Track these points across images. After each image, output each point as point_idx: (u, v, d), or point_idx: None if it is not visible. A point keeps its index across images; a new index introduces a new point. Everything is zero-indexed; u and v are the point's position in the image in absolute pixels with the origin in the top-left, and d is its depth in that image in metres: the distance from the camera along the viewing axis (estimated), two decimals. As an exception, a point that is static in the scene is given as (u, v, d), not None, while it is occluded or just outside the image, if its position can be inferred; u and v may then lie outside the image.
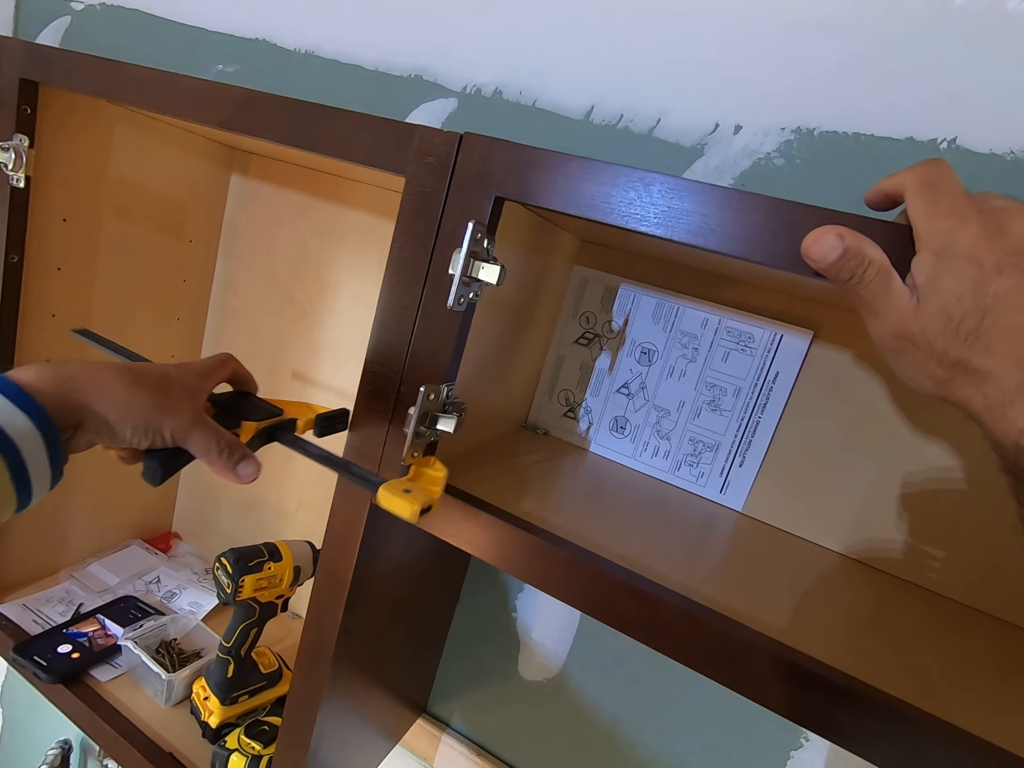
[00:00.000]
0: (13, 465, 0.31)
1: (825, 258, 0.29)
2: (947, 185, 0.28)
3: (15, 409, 0.31)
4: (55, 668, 0.66)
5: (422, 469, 0.41)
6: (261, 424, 0.41)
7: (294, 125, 0.43)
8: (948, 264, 0.26)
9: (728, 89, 0.55)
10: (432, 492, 0.38)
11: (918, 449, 0.49)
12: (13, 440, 0.31)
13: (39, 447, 0.32)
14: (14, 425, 0.31)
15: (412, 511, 0.35)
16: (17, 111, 0.57)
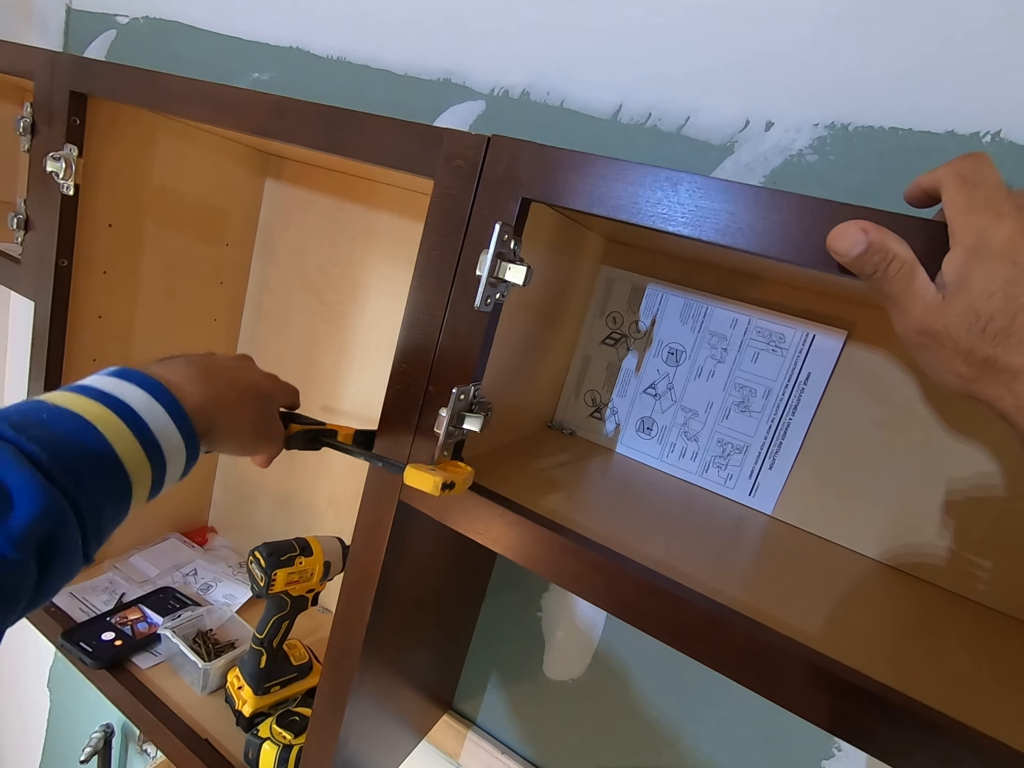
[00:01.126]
0: (156, 477, 0.34)
1: (849, 252, 0.29)
2: (985, 180, 0.27)
3: (174, 429, 0.35)
4: (99, 654, 0.69)
5: (448, 466, 0.42)
6: (305, 426, 0.48)
7: (325, 130, 0.45)
8: (980, 261, 0.26)
9: (759, 85, 0.54)
10: (456, 474, 0.40)
11: (958, 452, 0.48)
12: (165, 456, 0.34)
13: (180, 463, 0.36)
14: (169, 440, 0.34)
15: (435, 483, 0.38)
16: (67, 122, 0.60)
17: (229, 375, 0.42)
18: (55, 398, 0.32)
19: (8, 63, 0.65)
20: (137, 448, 0.32)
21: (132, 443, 0.32)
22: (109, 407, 0.32)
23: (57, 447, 0.29)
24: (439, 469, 0.40)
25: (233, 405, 0.41)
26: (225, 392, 0.40)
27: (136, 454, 0.32)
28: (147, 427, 0.33)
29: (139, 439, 0.33)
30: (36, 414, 0.30)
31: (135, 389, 0.34)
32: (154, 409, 0.34)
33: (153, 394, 0.34)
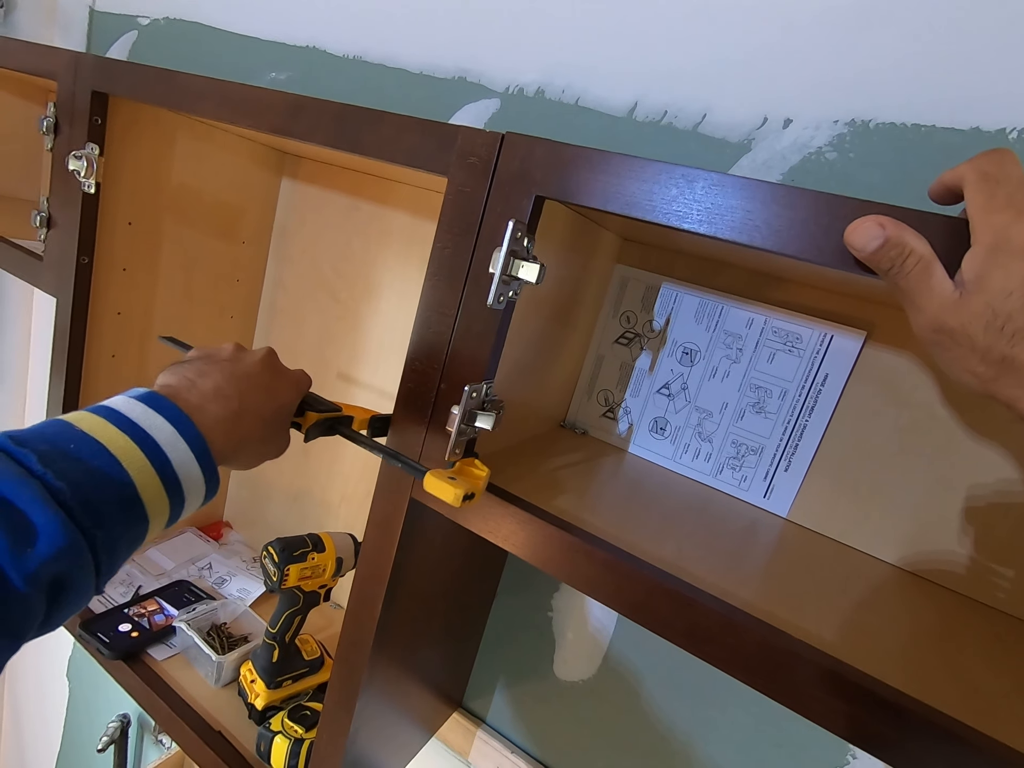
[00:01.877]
0: (174, 512, 0.34)
1: (866, 247, 0.28)
2: (1007, 177, 0.26)
3: (197, 467, 0.35)
4: (116, 645, 0.70)
5: (465, 467, 0.42)
6: (322, 416, 0.46)
7: (341, 129, 0.45)
8: (999, 260, 0.25)
9: (777, 82, 0.53)
10: (476, 483, 0.39)
11: (979, 456, 0.47)
12: (184, 494, 0.34)
13: (199, 497, 0.36)
14: (190, 477, 0.34)
15: (456, 495, 0.37)
16: (89, 122, 0.61)
17: (256, 398, 0.40)
18: (83, 423, 0.32)
19: (32, 64, 0.67)
20: (158, 485, 0.33)
21: (154, 480, 0.32)
22: (135, 440, 0.32)
23: (82, 484, 0.29)
24: (458, 475, 0.40)
25: (255, 430, 0.40)
26: (251, 423, 0.39)
27: (156, 491, 0.33)
28: (170, 464, 0.33)
29: (161, 476, 0.33)
30: (63, 443, 0.30)
31: (163, 422, 0.34)
32: (179, 447, 0.34)
33: (180, 430, 0.34)
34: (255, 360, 0.43)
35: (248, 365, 0.42)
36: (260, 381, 0.42)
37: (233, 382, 0.39)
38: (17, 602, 0.26)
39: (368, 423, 0.48)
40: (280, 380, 0.44)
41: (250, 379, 0.41)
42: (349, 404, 0.49)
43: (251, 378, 0.41)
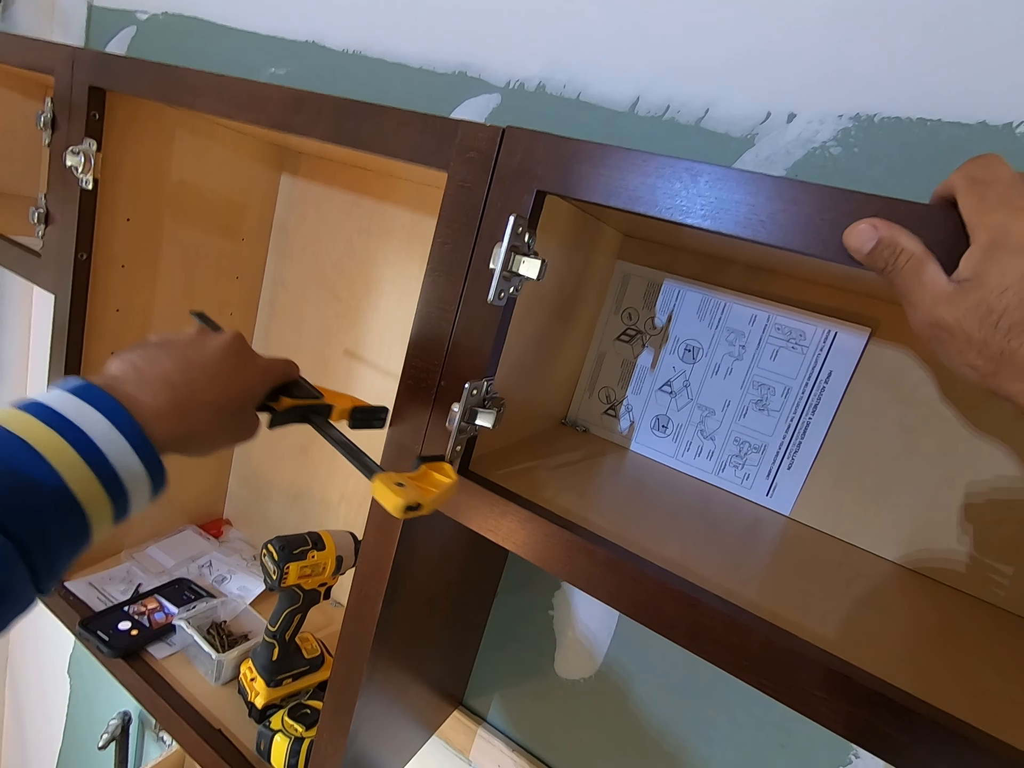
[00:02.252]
0: (118, 510, 0.33)
1: (862, 248, 0.29)
2: (997, 178, 0.26)
3: (137, 461, 0.32)
4: (116, 643, 0.70)
5: (430, 472, 0.39)
6: (296, 401, 0.43)
7: (341, 123, 0.44)
8: (996, 257, 0.25)
9: (781, 76, 0.53)
10: (427, 492, 0.36)
11: (985, 455, 0.46)
12: (127, 490, 0.32)
13: (145, 492, 0.34)
14: (130, 472, 0.32)
15: (396, 504, 0.33)
16: (87, 117, 0.60)
17: (209, 387, 0.38)
18: (8, 420, 0.30)
19: (29, 59, 0.66)
20: (94, 483, 0.30)
21: (88, 478, 0.30)
22: (64, 436, 0.30)
23: (5, 488, 0.27)
24: (415, 481, 0.36)
25: (208, 421, 0.37)
26: (202, 414, 0.37)
27: (93, 489, 0.30)
28: (106, 460, 0.31)
29: (97, 474, 0.30)
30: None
31: (96, 416, 0.31)
32: (115, 441, 0.31)
33: (114, 421, 0.32)
34: (216, 346, 0.40)
35: (207, 352, 0.39)
36: (217, 369, 0.39)
37: (185, 370, 0.37)
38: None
39: (349, 413, 0.45)
40: (243, 367, 0.41)
41: (205, 367, 0.38)
42: (337, 392, 0.46)
43: (207, 366, 0.38)
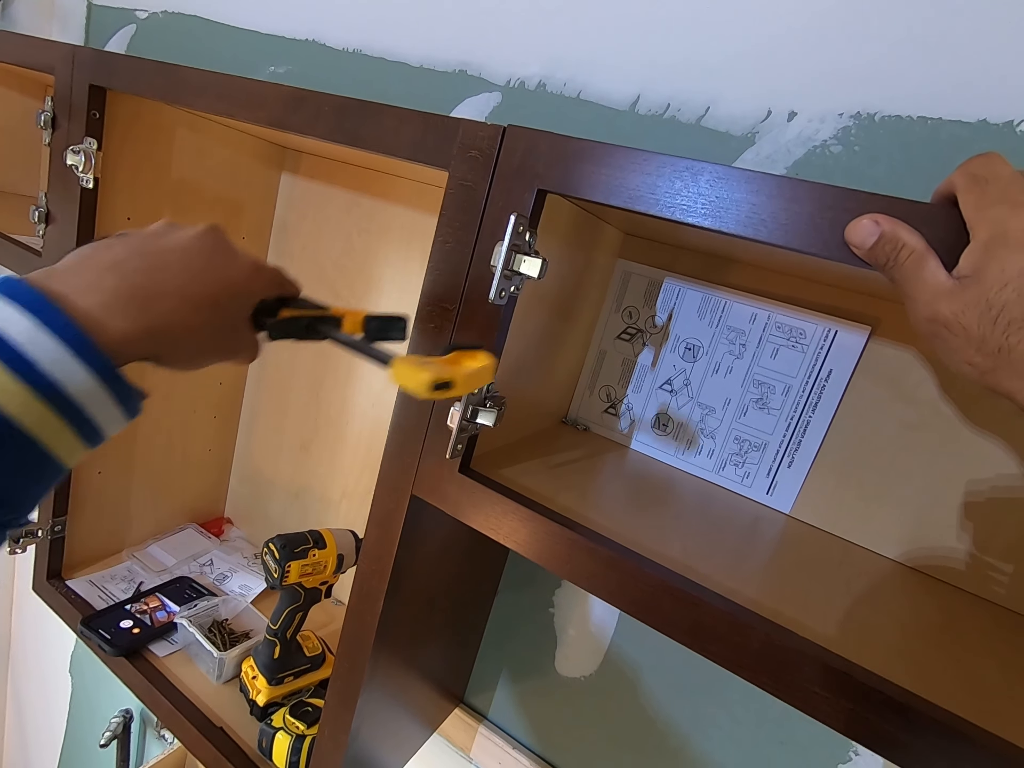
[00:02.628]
0: (82, 429, 0.28)
1: (864, 243, 0.29)
2: (997, 175, 0.26)
3: (78, 365, 0.27)
4: (118, 642, 0.70)
5: (461, 357, 0.36)
6: (296, 312, 0.39)
7: (341, 122, 0.44)
8: (996, 252, 0.25)
9: (781, 74, 0.53)
10: (455, 369, 0.32)
11: (985, 453, 0.46)
12: (76, 403, 0.27)
13: (109, 405, 0.28)
14: (73, 380, 0.26)
15: (420, 380, 0.29)
16: (87, 116, 0.60)
17: (176, 274, 0.32)
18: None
19: (29, 57, 0.66)
20: (28, 396, 0.25)
21: (19, 390, 0.25)
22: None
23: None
24: (442, 363, 0.33)
25: (181, 315, 0.31)
26: (169, 304, 0.31)
27: (28, 404, 0.25)
28: (35, 367, 0.25)
29: (31, 384, 0.25)
30: None
31: (15, 313, 0.25)
32: (42, 343, 0.26)
33: (43, 319, 0.26)
34: (186, 235, 0.34)
35: (173, 240, 0.34)
36: (186, 257, 0.33)
37: (142, 256, 0.31)
38: None
39: (363, 323, 0.40)
40: (223, 256, 0.35)
41: (169, 253, 0.32)
42: (348, 308, 0.41)
43: (172, 252, 0.33)
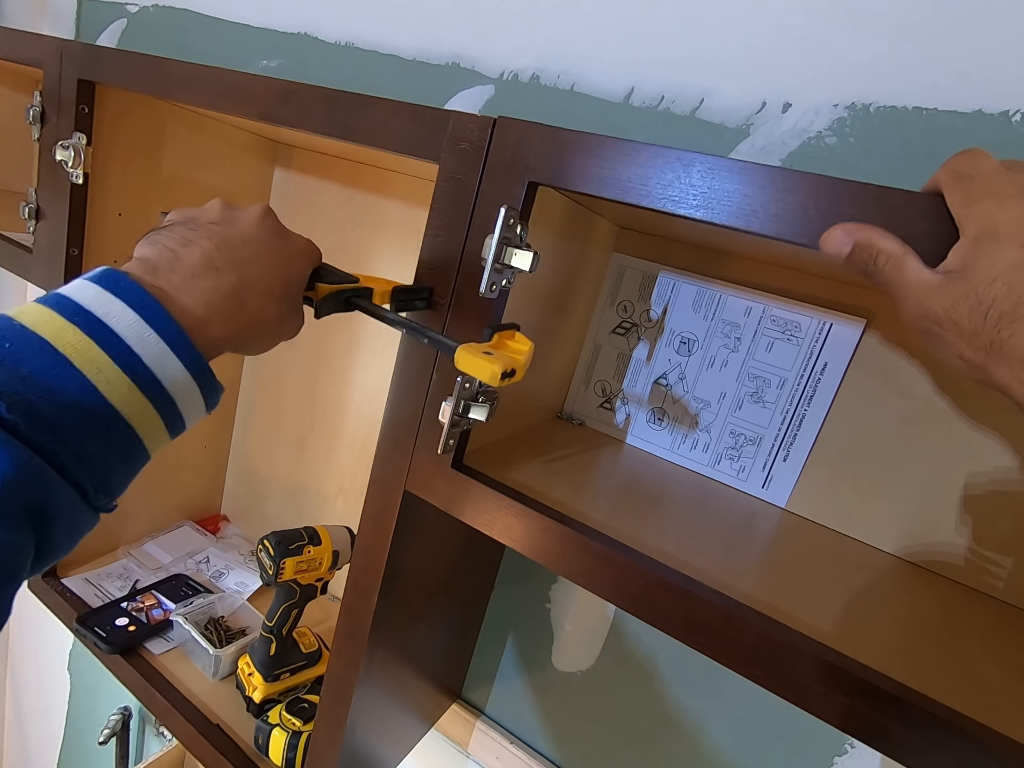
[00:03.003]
0: (170, 419, 0.30)
1: (839, 254, 0.29)
2: (981, 170, 0.26)
3: (176, 362, 0.28)
4: (114, 639, 0.70)
5: (504, 341, 0.37)
6: (335, 287, 0.39)
7: (331, 114, 0.44)
8: (985, 247, 0.25)
9: (776, 65, 0.52)
10: (516, 359, 0.34)
11: (980, 447, 0.46)
12: (171, 396, 0.29)
13: (196, 398, 0.30)
14: (169, 375, 0.28)
15: (492, 372, 0.31)
16: (76, 110, 0.60)
17: (259, 269, 0.33)
18: (25, 315, 0.26)
19: (18, 52, 0.66)
20: (130, 388, 0.27)
21: (121, 380, 0.27)
22: (90, 334, 0.26)
23: (23, 392, 0.24)
24: (496, 350, 0.34)
25: (264, 309, 0.33)
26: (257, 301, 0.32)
27: (130, 396, 0.27)
28: (139, 360, 0.27)
29: (131, 376, 0.27)
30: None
31: (122, 307, 0.27)
32: (146, 338, 0.27)
33: (146, 316, 0.27)
34: (251, 221, 0.35)
35: (244, 228, 0.34)
36: (261, 247, 0.34)
37: (227, 250, 0.32)
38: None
39: (390, 295, 0.40)
40: (285, 245, 0.36)
41: (248, 245, 0.34)
42: (368, 276, 0.42)
43: (249, 244, 0.34)
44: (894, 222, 0.29)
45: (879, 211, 0.29)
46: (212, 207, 0.36)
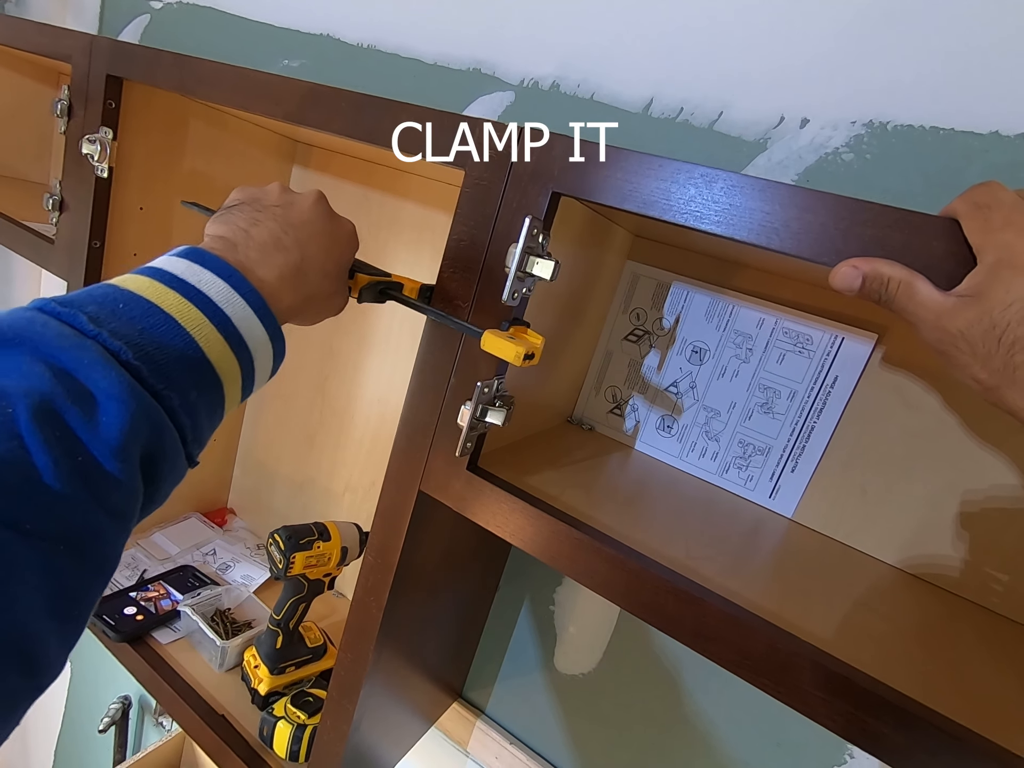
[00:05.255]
0: (246, 378, 0.33)
1: (852, 288, 0.30)
2: (1000, 202, 0.27)
3: (259, 324, 0.32)
4: (122, 628, 0.71)
5: (519, 333, 0.40)
6: (372, 279, 0.43)
7: (359, 118, 0.45)
8: (1002, 273, 0.26)
9: (795, 81, 0.53)
10: (535, 343, 0.38)
11: (988, 463, 0.47)
12: (252, 355, 0.32)
13: (268, 360, 0.34)
14: (254, 337, 0.32)
15: (517, 353, 0.36)
16: (103, 105, 0.61)
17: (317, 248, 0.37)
18: (128, 283, 0.29)
19: (47, 46, 0.67)
20: (222, 344, 0.30)
21: (216, 338, 0.30)
22: (188, 298, 0.29)
23: (141, 344, 0.27)
24: (516, 337, 0.38)
25: (321, 285, 0.37)
26: (315, 277, 0.37)
27: (222, 350, 0.30)
28: (230, 321, 0.31)
29: (224, 335, 0.30)
30: (111, 303, 0.27)
31: (212, 277, 0.31)
32: (235, 302, 0.31)
33: (232, 284, 0.31)
34: (307, 206, 0.39)
35: (302, 211, 0.38)
36: (318, 228, 0.38)
37: (290, 231, 0.36)
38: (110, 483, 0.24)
39: (418, 292, 0.44)
40: (338, 227, 0.40)
41: (307, 227, 0.38)
42: (397, 275, 0.46)
43: (308, 225, 0.38)
44: (912, 243, 0.30)
45: (897, 232, 0.30)
46: (272, 190, 0.39)
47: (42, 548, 0.22)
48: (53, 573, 0.23)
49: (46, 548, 0.22)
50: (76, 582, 0.24)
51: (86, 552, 0.24)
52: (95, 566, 0.25)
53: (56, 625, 0.23)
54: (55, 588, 0.23)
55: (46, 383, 0.23)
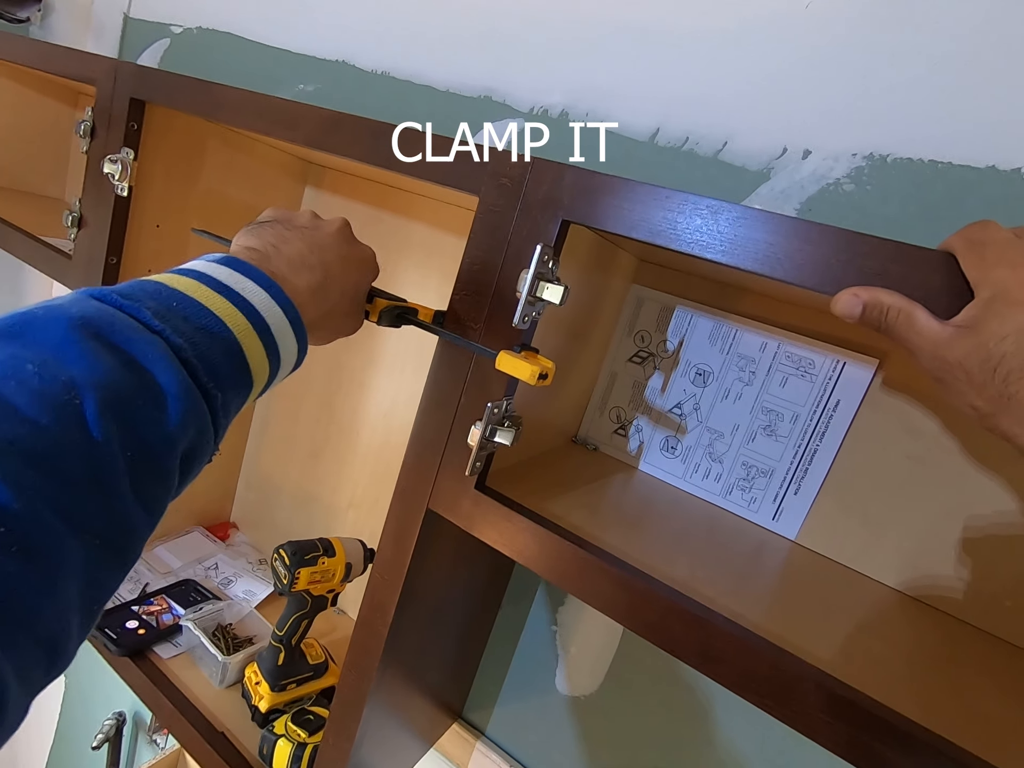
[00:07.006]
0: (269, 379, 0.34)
1: (852, 315, 0.31)
2: (995, 239, 0.28)
3: (291, 334, 0.34)
4: (123, 642, 0.71)
5: (530, 356, 0.41)
6: (391, 303, 0.45)
7: (377, 145, 0.46)
8: (996, 308, 0.27)
9: (798, 112, 0.55)
10: (547, 365, 0.39)
11: (988, 488, 0.47)
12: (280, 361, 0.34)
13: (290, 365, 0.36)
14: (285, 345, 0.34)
15: (532, 372, 0.37)
16: (126, 127, 0.63)
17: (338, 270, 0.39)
18: (175, 283, 0.30)
19: (73, 69, 0.69)
20: (260, 349, 0.32)
21: (256, 343, 0.31)
22: (234, 304, 0.31)
23: (197, 342, 0.28)
24: (530, 358, 0.39)
25: (340, 304, 0.40)
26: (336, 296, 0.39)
27: (259, 355, 0.32)
28: (269, 329, 0.32)
29: (262, 341, 0.32)
30: (165, 300, 0.28)
31: (254, 287, 0.33)
32: (274, 312, 0.33)
33: (272, 294, 0.33)
34: (333, 230, 0.41)
35: (327, 235, 0.41)
36: (340, 252, 0.41)
37: (316, 251, 0.38)
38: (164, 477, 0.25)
39: (432, 318, 0.46)
40: (359, 252, 0.43)
41: (331, 249, 0.40)
42: (412, 302, 0.48)
43: (331, 248, 0.40)
44: (910, 276, 0.31)
45: (896, 265, 0.31)
46: (304, 214, 0.42)
47: (87, 542, 0.23)
48: (90, 567, 0.23)
49: (89, 542, 0.23)
50: (107, 576, 0.24)
51: (121, 547, 0.25)
52: (124, 560, 0.25)
53: (80, 618, 0.23)
54: (88, 581, 0.23)
55: (116, 376, 0.24)
